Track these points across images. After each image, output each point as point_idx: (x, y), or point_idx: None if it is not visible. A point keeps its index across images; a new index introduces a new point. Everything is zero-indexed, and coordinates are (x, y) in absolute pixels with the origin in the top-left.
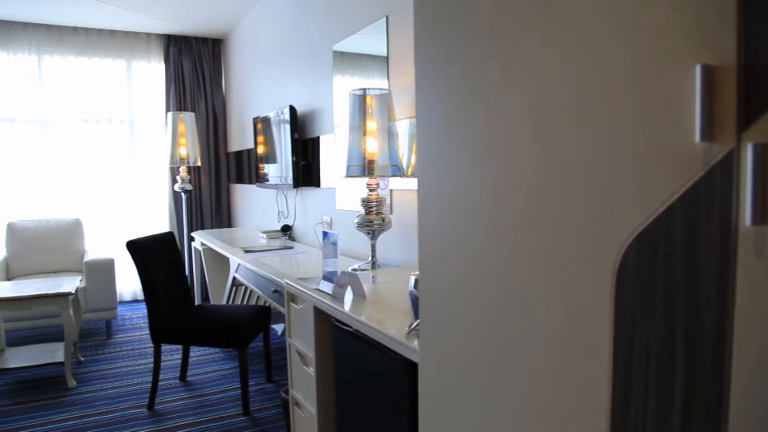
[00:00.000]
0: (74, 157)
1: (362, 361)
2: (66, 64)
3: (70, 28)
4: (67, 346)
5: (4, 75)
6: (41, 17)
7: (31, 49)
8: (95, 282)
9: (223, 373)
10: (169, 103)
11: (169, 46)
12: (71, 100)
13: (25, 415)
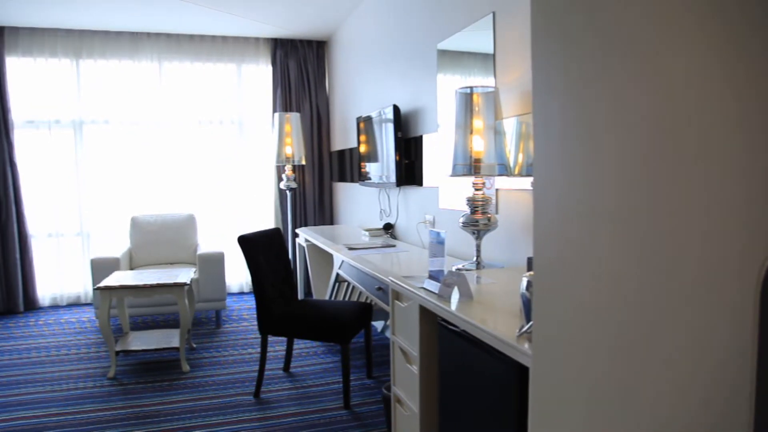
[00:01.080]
0: (189, 157)
1: (468, 361)
2: (183, 70)
3: (187, 36)
4: (182, 333)
5: (131, 82)
6: (163, 27)
7: (153, 56)
8: (207, 274)
9: (325, 366)
10: (275, 104)
11: (276, 49)
12: (187, 103)
13: (147, 394)
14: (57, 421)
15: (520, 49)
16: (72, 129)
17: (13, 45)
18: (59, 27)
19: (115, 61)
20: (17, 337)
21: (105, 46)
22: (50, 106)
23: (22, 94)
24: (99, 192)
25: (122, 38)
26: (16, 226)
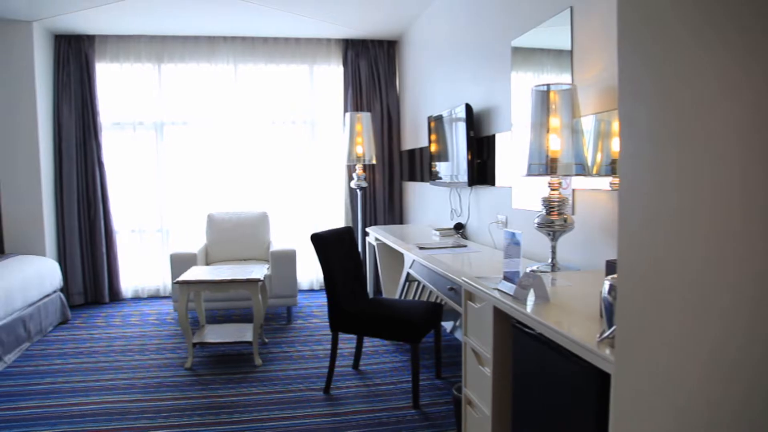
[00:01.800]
0: (263, 156)
1: (544, 365)
2: (257, 71)
3: (261, 39)
4: (255, 328)
5: (208, 84)
6: (238, 31)
7: (229, 59)
8: (279, 270)
9: (394, 365)
10: (346, 104)
11: (347, 50)
12: (260, 103)
13: (221, 385)
14: (139, 407)
15: (600, 45)
16: (154, 130)
17: (102, 52)
18: (143, 34)
19: (193, 64)
20: (103, 326)
21: (184, 50)
22: (134, 109)
23: (109, 97)
24: (178, 190)
25: (200, 42)
26: (103, 222)
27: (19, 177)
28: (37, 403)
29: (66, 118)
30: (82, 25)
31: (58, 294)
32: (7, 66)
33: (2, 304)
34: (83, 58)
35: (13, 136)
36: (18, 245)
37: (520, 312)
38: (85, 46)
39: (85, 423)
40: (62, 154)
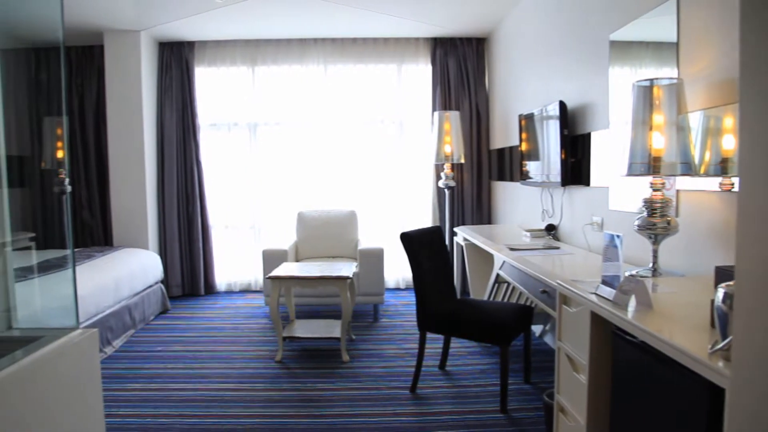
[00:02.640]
0: (352, 155)
1: (647, 376)
2: (346, 72)
3: (350, 40)
4: (344, 324)
5: (299, 85)
6: (328, 33)
7: (319, 60)
8: (367, 269)
9: (481, 367)
10: (435, 103)
11: (435, 48)
12: (349, 103)
13: (310, 379)
14: (232, 395)
15: (710, 36)
16: (248, 130)
17: (201, 57)
18: (238, 38)
19: (285, 66)
20: (199, 317)
21: (277, 53)
22: (230, 110)
23: (207, 99)
24: (270, 188)
25: (292, 45)
26: (200, 218)
27: (126, 175)
28: (142, 385)
29: (168, 120)
30: (183, 32)
31: (159, 285)
32: (118, 72)
33: (112, 292)
34: (184, 63)
35: (122, 137)
36: (124, 239)
37: (622, 318)
38: (186, 51)
39: (185, 407)
40: (164, 153)
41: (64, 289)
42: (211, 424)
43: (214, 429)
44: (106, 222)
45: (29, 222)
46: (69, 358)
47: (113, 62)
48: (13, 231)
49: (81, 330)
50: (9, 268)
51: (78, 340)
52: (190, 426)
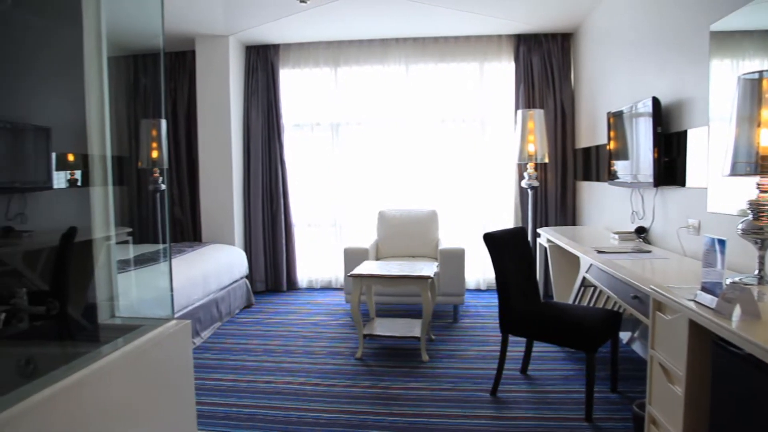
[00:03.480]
0: (432, 154)
1: (753, 391)
2: (427, 71)
3: (432, 39)
4: (424, 324)
5: (381, 85)
6: (410, 32)
7: (401, 60)
8: (447, 269)
9: (564, 373)
10: (518, 101)
11: (519, 45)
12: (431, 102)
13: (389, 377)
14: (314, 390)
15: None
16: (330, 130)
17: (285, 59)
18: (321, 40)
19: (367, 66)
20: (282, 312)
21: (359, 54)
22: (313, 110)
23: (291, 100)
24: (351, 187)
25: (374, 45)
26: (283, 216)
27: (214, 175)
28: (228, 376)
29: (254, 121)
30: (269, 35)
31: (244, 280)
32: (208, 75)
33: (201, 286)
34: (269, 66)
35: (211, 138)
36: (213, 235)
37: (725, 328)
38: (271, 54)
39: (269, 399)
40: (250, 153)
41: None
42: (293, 416)
43: (296, 422)
44: (195, 219)
45: (126, 218)
46: (165, 347)
47: (204, 66)
48: (115, 226)
49: (176, 321)
50: (112, 260)
51: (173, 330)
52: (274, 417)
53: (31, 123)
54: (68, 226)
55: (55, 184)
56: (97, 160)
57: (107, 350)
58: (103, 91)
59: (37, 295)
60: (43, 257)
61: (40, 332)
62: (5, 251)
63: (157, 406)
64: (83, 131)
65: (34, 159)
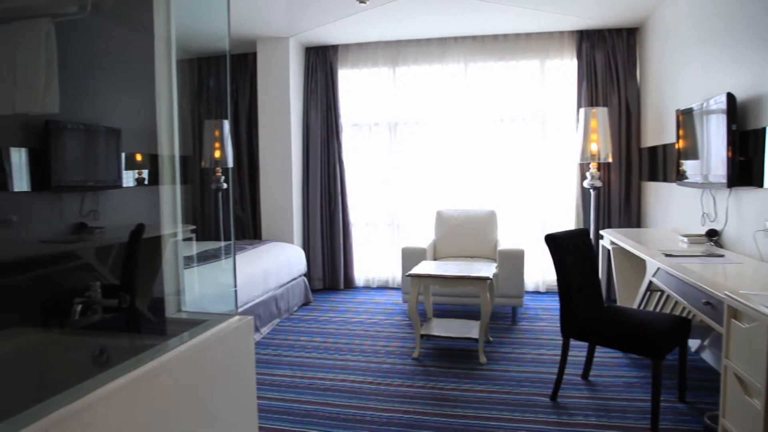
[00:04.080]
0: (491, 154)
1: None
2: (486, 69)
3: (491, 37)
4: (482, 325)
5: (439, 84)
6: (469, 31)
7: (459, 58)
8: (506, 270)
9: (628, 380)
10: (580, 99)
11: (581, 41)
12: (490, 101)
13: (445, 378)
14: (370, 389)
15: None
16: (388, 130)
17: (344, 59)
18: (380, 40)
19: (425, 65)
20: (339, 311)
21: (417, 53)
22: (371, 110)
23: (349, 100)
24: (409, 187)
25: (432, 44)
26: (341, 215)
27: (274, 174)
28: (287, 372)
29: (313, 121)
30: (328, 36)
31: (302, 278)
32: (269, 76)
33: (261, 283)
34: (328, 66)
35: (271, 138)
36: (272, 233)
37: None
38: (330, 55)
39: (326, 396)
40: (309, 153)
41: (220, 278)
42: (350, 414)
43: (353, 419)
44: (255, 217)
45: (191, 215)
46: (229, 342)
47: (265, 68)
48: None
49: (239, 316)
50: (180, 256)
51: (236, 326)
52: (331, 414)
53: (103, 125)
54: (136, 223)
55: (124, 182)
56: (165, 160)
57: (174, 344)
58: (172, 94)
59: (108, 289)
60: (113, 252)
61: (112, 324)
62: (79, 246)
63: (220, 399)
64: (150, 132)
65: (106, 159)
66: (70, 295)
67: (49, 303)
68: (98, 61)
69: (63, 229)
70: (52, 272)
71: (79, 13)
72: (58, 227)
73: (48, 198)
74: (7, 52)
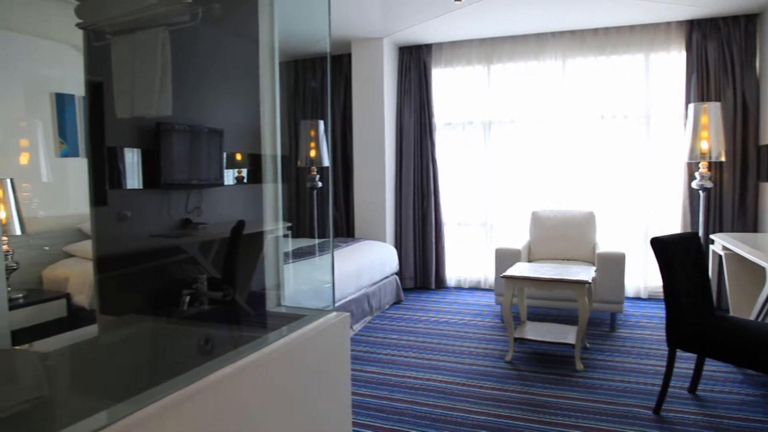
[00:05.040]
0: (590, 153)
1: None
2: (585, 65)
3: (591, 31)
4: (579, 331)
5: (535, 81)
6: (567, 25)
7: (557, 55)
8: (605, 274)
9: (742, 398)
10: (689, 94)
11: (691, 32)
12: (589, 98)
13: (539, 384)
14: (461, 390)
15: None
16: (482, 129)
17: (437, 58)
18: (474, 38)
19: (521, 63)
20: (430, 310)
21: (513, 50)
22: (464, 109)
23: (442, 99)
24: (503, 187)
25: (528, 41)
26: (434, 214)
27: (368, 173)
28: (378, 369)
29: (406, 120)
30: (421, 36)
31: (394, 277)
32: (363, 77)
33: (354, 280)
34: (422, 66)
35: (365, 138)
36: (365, 231)
37: None
38: (424, 54)
39: (417, 395)
40: (402, 152)
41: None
42: (440, 415)
43: (444, 420)
44: (349, 215)
45: (286, 213)
46: (326, 337)
47: (359, 68)
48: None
49: (336, 313)
50: (280, 251)
51: (334, 322)
52: (422, 414)
53: (206, 126)
54: (236, 220)
55: (225, 181)
56: (268, 159)
57: (274, 337)
58: (275, 96)
59: (212, 282)
60: (215, 247)
61: (216, 316)
62: (185, 241)
63: (316, 393)
64: (248, 132)
65: (209, 158)
66: (177, 287)
67: (159, 293)
68: (204, 66)
69: (170, 225)
70: (160, 265)
71: (190, 22)
72: (165, 223)
73: (157, 195)
74: (128, 59)
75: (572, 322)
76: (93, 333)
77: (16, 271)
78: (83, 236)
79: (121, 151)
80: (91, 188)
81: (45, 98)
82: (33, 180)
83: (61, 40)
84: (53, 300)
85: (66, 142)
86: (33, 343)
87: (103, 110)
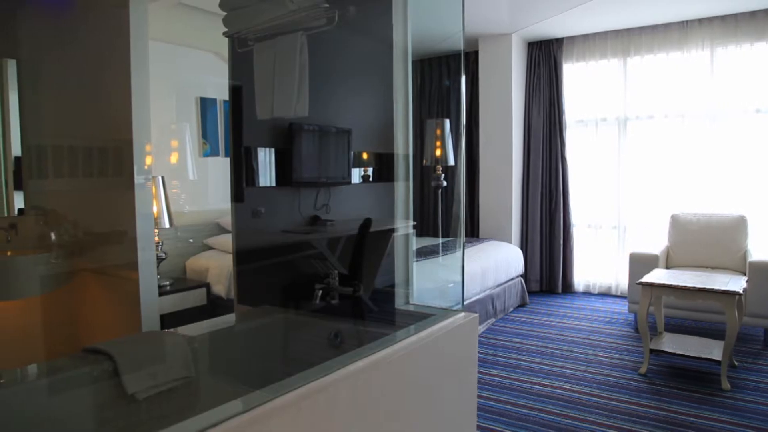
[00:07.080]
0: (742, 151)
1: None
2: (738, 54)
3: (747, 14)
4: (726, 347)
5: (678, 74)
6: (717, 10)
7: (705, 43)
8: (758, 285)
9: None
10: None
11: None
12: (742, 91)
13: (678, 401)
14: (590, 401)
15: None
16: (616, 126)
17: (569, 52)
18: (609, 29)
19: (662, 54)
20: (556, 315)
21: (652, 41)
22: (598, 105)
23: (574, 96)
24: (639, 187)
25: (670, 30)
26: (562, 215)
27: (494, 172)
28: (501, 372)
29: (534, 118)
30: (551, 30)
31: (519, 279)
32: (491, 74)
33: (479, 281)
34: (552, 61)
35: (492, 136)
36: (490, 232)
37: None
38: (554, 48)
39: (543, 402)
40: (530, 150)
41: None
42: (568, 425)
43: (571, 431)
44: (473, 215)
45: (411, 212)
46: (454, 337)
47: (486, 65)
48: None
49: (464, 313)
50: (410, 250)
51: (462, 322)
52: (547, 422)
53: (334, 126)
54: (363, 217)
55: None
56: (399, 158)
57: (402, 335)
58: (408, 97)
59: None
60: (342, 243)
61: (344, 311)
62: (314, 236)
63: (443, 393)
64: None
65: (337, 157)
66: (309, 281)
67: (291, 286)
68: (336, 68)
69: (300, 221)
70: (291, 259)
71: (326, 26)
72: (296, 219)
73: (289, 192)
74: (269, 63)
75: (715, 336)
76: (231, 321)
77: (164, 260)
78: (221, 230)
79: (256, 150)
80: (232, 185)
81: (191, 102)
82: (181, 178)
83: (206, 49)
84: (195, 288)
85: (208, 143)
86: (178, 327)
87: (242, 112)
